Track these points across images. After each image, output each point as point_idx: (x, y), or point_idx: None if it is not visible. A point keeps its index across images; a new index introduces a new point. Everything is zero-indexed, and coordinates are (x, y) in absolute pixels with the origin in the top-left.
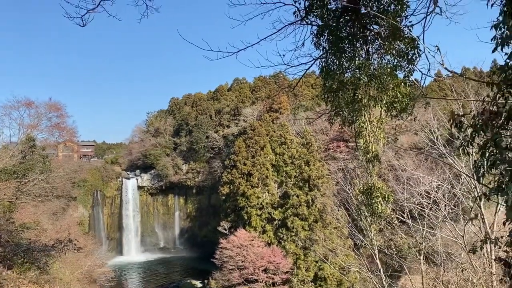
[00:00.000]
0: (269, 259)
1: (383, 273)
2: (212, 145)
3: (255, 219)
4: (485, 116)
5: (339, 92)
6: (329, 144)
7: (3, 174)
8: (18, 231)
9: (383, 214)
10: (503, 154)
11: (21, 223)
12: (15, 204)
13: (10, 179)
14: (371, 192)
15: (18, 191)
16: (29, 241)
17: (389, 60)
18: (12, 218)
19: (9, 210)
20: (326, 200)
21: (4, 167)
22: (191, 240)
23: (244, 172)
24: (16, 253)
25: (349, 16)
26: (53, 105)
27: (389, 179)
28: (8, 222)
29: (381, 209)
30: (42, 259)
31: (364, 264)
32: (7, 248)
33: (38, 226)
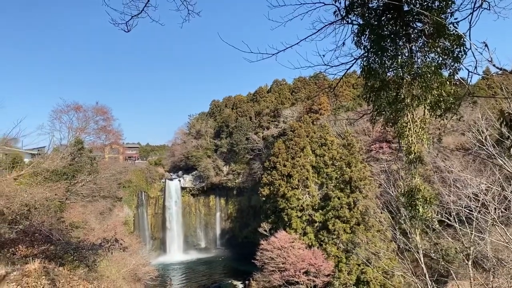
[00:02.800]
0: (310, 261)
1: (428, 277)
2: (252, 147)
3: (296, 221)
4: None
5: (381, 91)
6: (371, 145)
7: (54, 175)
8: (68, 230)
9: (424, 217)
10: None
11: (70, 222)
12: (65, 204)
13: (61, 180)
14: (413, 194)
15: (67, 192)
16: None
17: (433, 58)
18: (62, 218)
19: (59, 210)
20: (368, 202)
21: (55, 169)
22: (232, 240)
23: (284, 173)
24: (66, 251)
25: (391, 14)
26: (99, 109)
27: (434, 181)
28: (59, 221)
29: (422, 212)
30: (90, 257)
31: (409, 268)
32: (58, 246)
33: (86, 225)
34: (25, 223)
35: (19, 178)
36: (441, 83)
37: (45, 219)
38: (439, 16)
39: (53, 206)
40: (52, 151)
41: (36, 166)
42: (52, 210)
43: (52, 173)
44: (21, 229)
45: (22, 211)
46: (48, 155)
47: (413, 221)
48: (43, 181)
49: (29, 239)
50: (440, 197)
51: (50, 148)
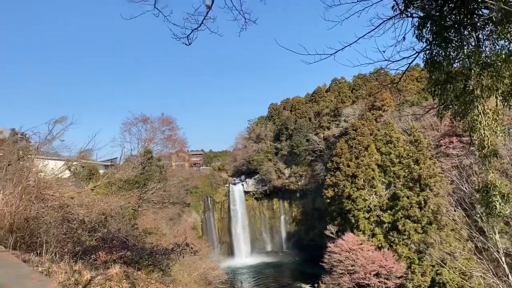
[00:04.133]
0: (380, 263)
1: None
2: (313, 148)
3: (363, 222)
4: None
5: (447, 84)
6: (440, 140)
7: (127, 184)
8: (142, 236)
9: (502, 214)
10: None
11: (144, 228)
12: (138, 211)
13: (133, 189)
14: (488, 190)
15: (140, 199)
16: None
17: (503, 46)
18: (136, 224)
19: (133, 217)
20: (440, 200)
21: (128, 178)
22: (298, 243)
23: (348, 174)
24: (141, 256)
25: (454, 4)
26: (165, 119)
27: None
28: (133, 228)
29: (500, 209)
30: (163, 262)
31: (489, 269)
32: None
33: (158, 231)
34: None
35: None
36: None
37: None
38: (506, 2)
39: (127, 213)
40: (124, 162)
41: (110, 177)
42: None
43: (125, 183)
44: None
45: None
46: (120, 166)
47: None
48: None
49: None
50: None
51: (122, 159)
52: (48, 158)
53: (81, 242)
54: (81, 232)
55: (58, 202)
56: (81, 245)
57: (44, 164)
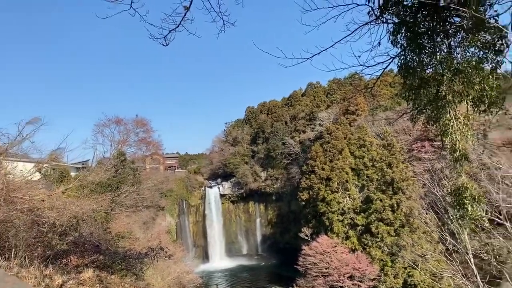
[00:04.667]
0: (354, 265)
1: (480, 279)
2: (289, 151)
3: (337, 224)
4: None
5: (421, 89)
6: (412, 144)
7: (99, 187)
8: (115, 240)
9: (473, 217)
10: None
11: (116, 232)
12: (111, 215)
13: (106, 192)
14: (460, 193)
15: (112, 203)
16: (125, 249)
17: (473, 53)
18: (108, 228)
19: (106, 221)
20: (412, 204)
21: (100, 181)
22: (273, 246)
23: (323, 177)
24: (114, 260)
25: (427, 11)
26: (139, 121)
27: (481, 179)
28: (105, 232)
29: (471, 211)
30: (137, 266)
31: (458, 270)
32: (107, 256)
33: (131, 235)
34: (74, 234)
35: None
36: (483, 77)
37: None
38: (477, 10)
39: (99, 217)
40: (96, 164)
41: (82, 179)
42: (99, 221)
43: (97, 186)
44: (71, 240)
45: (72, 223)
46: (92, 168)
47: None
48: (89, 193)
49: (79, 249)
50: (488, 195)
51: (94, 161)
52: (17, 160)
53: (51, 246)
54: (51, 236)
55: (28, 205)
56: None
57: (13, 166)
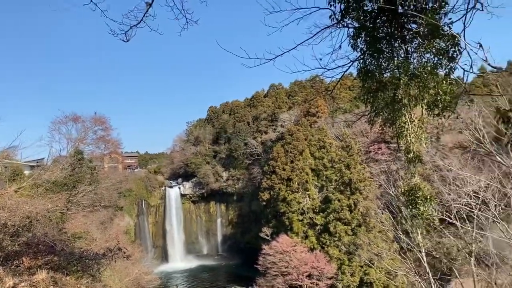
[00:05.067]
0: (312, 264)
1: (431, 276)
2: (251, 152)
3: (297, 224)
4: None
5: (379, 93)
6: (369, 146)
7: (54, 186)
8: (71, 241)
9: (425, 216)
10: None
11: (72, 233)
12: (67, 214)
13: (61, 191)
14: (413, 193)
15: (68, 202)
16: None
17: (429, 59)
18: (64, 228)
19: (61, 221)
20: (369, 204)
21: (56, 180)
22: (234, 246)
23: (284, 177)
24: (70, 261)
25: (386, 16)
26: (98, 119)
27: (434, 180)
28: (61, 232)
29: (423, 211)
30: (94, 267)
31: (411, 268)
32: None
33: (88, 235)
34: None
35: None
36: (437, 82)
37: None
38: (433, 17)
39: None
40: (52, 162)
41: (36, 178)
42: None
43: (52, 184)
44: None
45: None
46: (48, 167)
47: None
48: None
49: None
50: (440, 196)
51: (49, 160)
52: None
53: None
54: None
55: None
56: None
57: None
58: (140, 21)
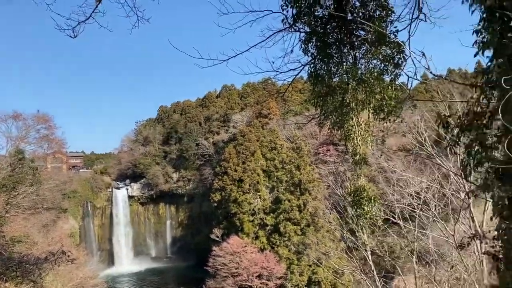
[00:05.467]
0: (262, 265)
1: (376, 274)
2: (202, 153)
3: (248, 225)
4: (469, 116)
5: (328, 96)
6: (319, 148)
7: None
8: (9, 245)
9: (369, 216)
10: (487, 153)
11: (11, 236)
12: (5, 217)
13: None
14: (358, 194)
15: (7, 205)
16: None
17: (376, 65)
18: (2, 232)
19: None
20: (317, 204)
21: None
22: (184, 248)
23: (235, 178)
24: (8, 267)
25: (336, 23)
26: (41, 117)
27: (379, 181)
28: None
29: (367, 210)
30: (35, 272)
31: (357, 266)
32: None
33: (28, 239)
34: None
35: None
36: (383, 88)
37: None
38: (380, 25)
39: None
40: None
41: None
42: None
43: None
44: None
45: None
46: None
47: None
48: None
49: None
50: (384, 196)
51: None
52: None
53: None
54: None
55: None
56: None
57: None
58: (89, 17)
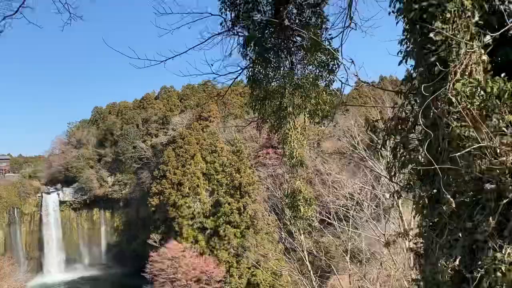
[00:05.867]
0: (201, 269)
1: (313, 274)
2: (140, 156)
3: (187, 229)
4: (394, 121)
5: (266, 100)
6: (259, 151)
7: None
8: None
9: (305, 217)
10: (410, 155)
11: None
12: None
13: None
14: (295, 196)
15: None
16: None
17: (311, 70)
18: None
19: None
20: (257, 206)
21: None
22: (119, 255)
23: (174, 182)
24: None
25: (274, 28)
26: None
27: (315, 183)
28: None
29: (303, 212)
30: None
31: (295, 267)
32: None
33: None
34: None
35: None
36: (318, 93)
37: None
38: (315, 32)
39: None
40: None
41: None
42: None
43: None
44: None
45: None
46: None
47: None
48: None
49: None
50: (320, 198)
51: None
52: None
53: None
54: None
55: None
56: None
57: None
58: (16, 12)
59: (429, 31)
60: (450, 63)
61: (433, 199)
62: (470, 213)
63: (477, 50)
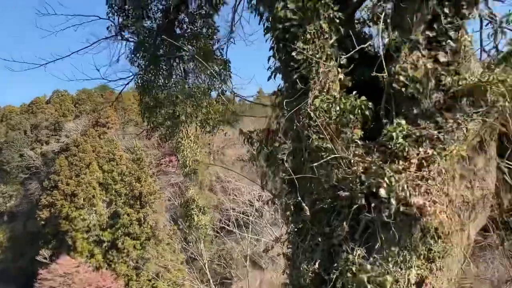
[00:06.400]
0: (97, 284)
1: (212, 282)
2: (28, 165)
3: (81, 243)
4: (265, 133)
5: (157, 108)
6: (161, 159)
7: None
8: None
9: (199, 226)
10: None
11: None
12: None
13: None
14: (188, 205)
15: None
16: None
17: (203, 80)
18: None
19: None
20: (158, 217)
21: None
22: (4, 274)
23: (67, 192)
24: None
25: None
26: None
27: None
28: None
29: (197, 221)
30: None
31: (196, 277)
32: None
33: None
34: None
35: None
36: (209, 103)
37: None
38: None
39: None
40: None
41: None
42: None
43: None
44: None
45: None
46: None
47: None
48: None
49: None
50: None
51: None
52: None
53: None
54: None
55: None
56: None
57: None
58: None
59: (292, 50)
60: (310, 81)
61: (298, 206)
62: (328, 219)
63: (334, 69)
